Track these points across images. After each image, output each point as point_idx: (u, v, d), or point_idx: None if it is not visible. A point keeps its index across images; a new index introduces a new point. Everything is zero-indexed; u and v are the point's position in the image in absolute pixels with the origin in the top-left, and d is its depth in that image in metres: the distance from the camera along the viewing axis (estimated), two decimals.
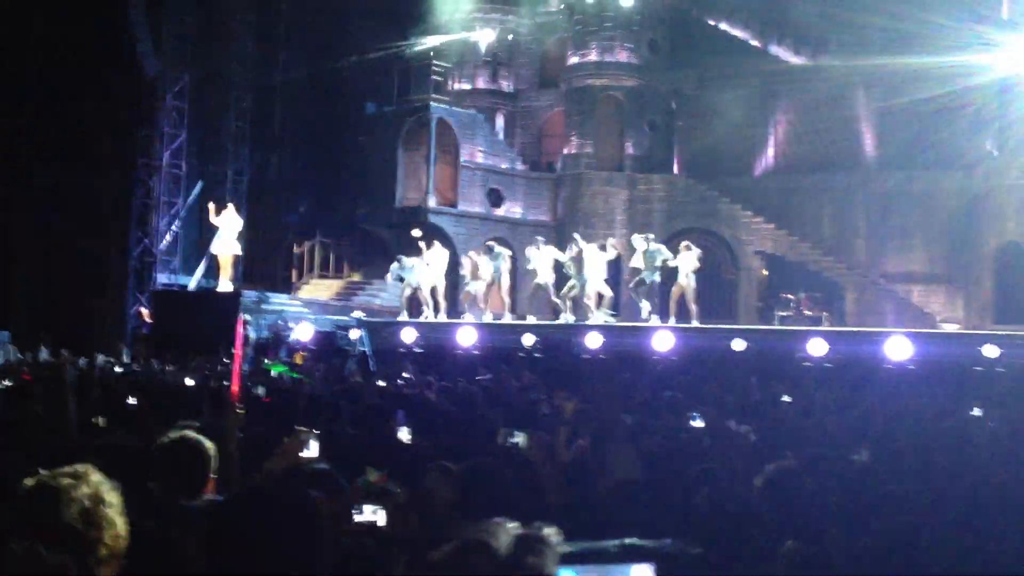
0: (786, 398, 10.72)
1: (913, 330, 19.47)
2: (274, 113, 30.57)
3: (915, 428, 7.61)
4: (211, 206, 22.76)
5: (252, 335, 20.93)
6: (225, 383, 8.09)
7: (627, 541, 1.38)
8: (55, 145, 26.51)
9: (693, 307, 21.21)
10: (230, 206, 23.61)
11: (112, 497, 2.45)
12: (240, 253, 23.52)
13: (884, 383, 14.42)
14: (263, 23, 29.83)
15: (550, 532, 1.48)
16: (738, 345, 18.93)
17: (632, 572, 1.34)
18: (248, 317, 21.15)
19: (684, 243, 22.73)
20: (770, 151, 31.08)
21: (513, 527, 1.57)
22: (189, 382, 11.62)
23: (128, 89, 26.34)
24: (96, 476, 2.46)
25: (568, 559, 1.37)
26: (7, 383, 10.25)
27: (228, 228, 22.66)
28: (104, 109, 26.46)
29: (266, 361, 17.70)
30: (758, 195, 29.86)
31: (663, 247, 22.05)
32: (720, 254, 29.61)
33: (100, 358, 17.34)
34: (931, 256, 27.85)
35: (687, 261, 21.88)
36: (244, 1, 28.86)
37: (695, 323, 20.94)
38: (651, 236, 22.58)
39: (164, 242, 26.30)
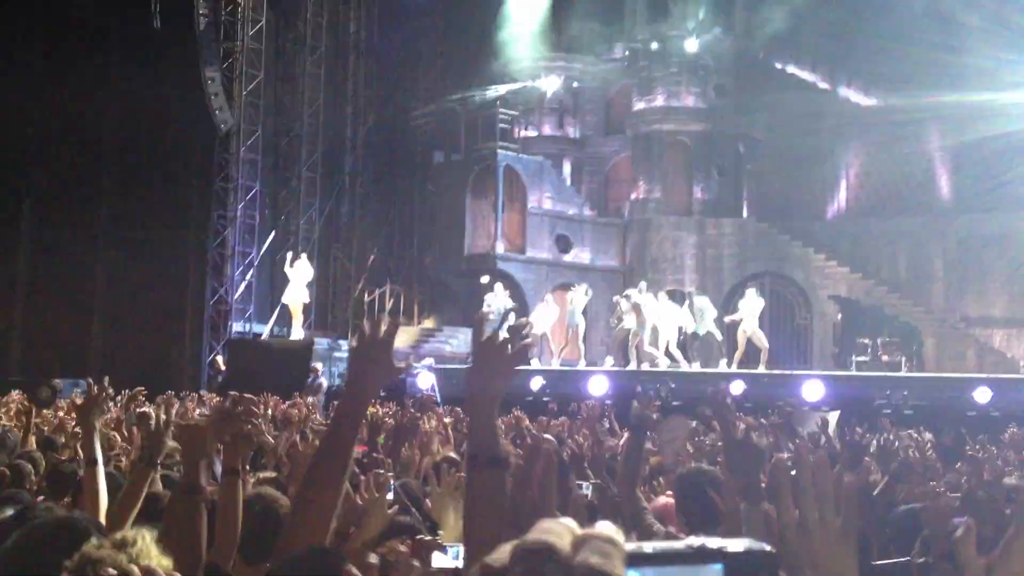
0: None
1: (995, 376, 18.99)
2: (344, 163, 30.99)
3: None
4: (289, 255, 23.36)
5: (324, 382, 21.08)
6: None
7: (695, 541, 1.31)
8: (132, 198, 27.15)
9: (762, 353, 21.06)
10: (303, 256, 24.10)
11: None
12: (308, 301, 23.86)
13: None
14: (332, 75, 30.35)
15: (615, 531, 1.41)
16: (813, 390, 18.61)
17: (702, 573, 1.30)
18: (320, 365, 21.33)
19: (750, 288, 22.79)
20: (842, 193, 30.71)
21: (576, 527, 1.50)
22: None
23: (203, 143, 26.91)
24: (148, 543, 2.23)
25: (634, 560, 1.30)
26: None
27: (299, 277, 23.10)
28: (180, 163, 27.08)
29: None
30: (831, 238, 29.46)
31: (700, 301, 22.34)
32: (793, 298, 29.22)
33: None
34: (1012, 299, 27.16)
35: (754, 306, 21.89)
36: (314, 54, 29.40)
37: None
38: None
39: (238, 291, 26.67)
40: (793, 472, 1.95)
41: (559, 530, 1.48)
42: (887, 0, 27.34)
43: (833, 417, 10.90)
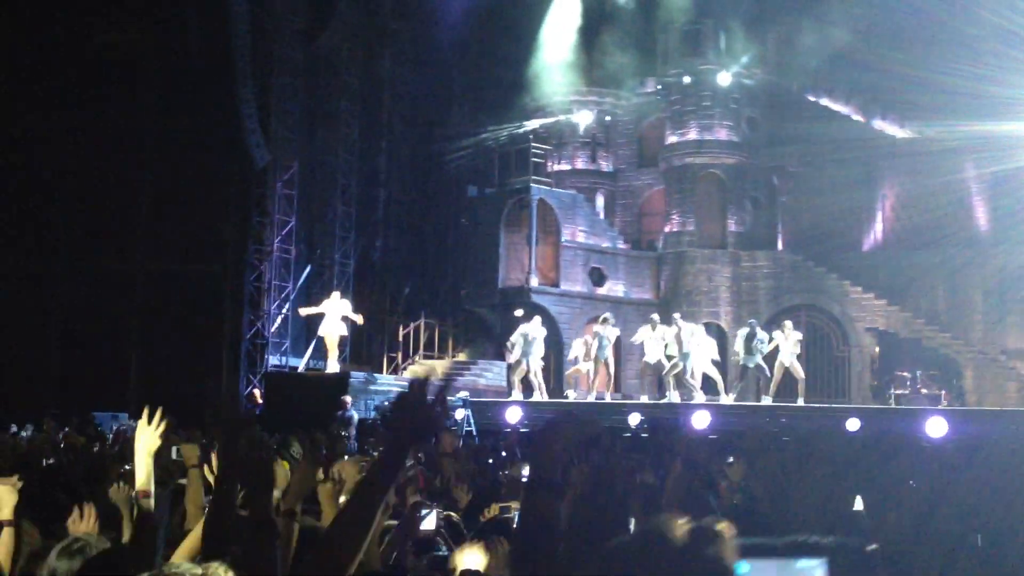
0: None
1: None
2: (378, 197, 31.22)
3: None
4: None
5: (355, 415, 21.03)
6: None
7: (797, 537, 1.35)
8: (169, 232, 27.47)
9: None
10: (335, 293, 24.24)
11: None
12: (344, 334, 23.97)
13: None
14: (366, 110, 30.65)
15: (724, 525, 1.46)
16: (852, 425, 18.46)
17: (807, 566, 1.32)
18: (349, 398, 21.29)
19: (787, 322, 22.70)
20: (878, 225, 30.51)
21: (685, 521, 1.56)
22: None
23: (239, 178, 27.22)
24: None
25: (745, 551, 1.33)
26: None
27: (334, 311, 23.26)
28: (217, 198, 27.38)
29: None
30: (867, 271, 29.23)
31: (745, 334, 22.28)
32: (829, 331, 29.00)
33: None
34: None
35: (791, 339, 21.87)
36: (348, 90, 29.72)
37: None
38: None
39: (275, 325, 26.85)
40: None
41: (670, 523, 1.55)
42: (920, 31, 27.31)
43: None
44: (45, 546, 4.12)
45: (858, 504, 7.04)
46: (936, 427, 17.88)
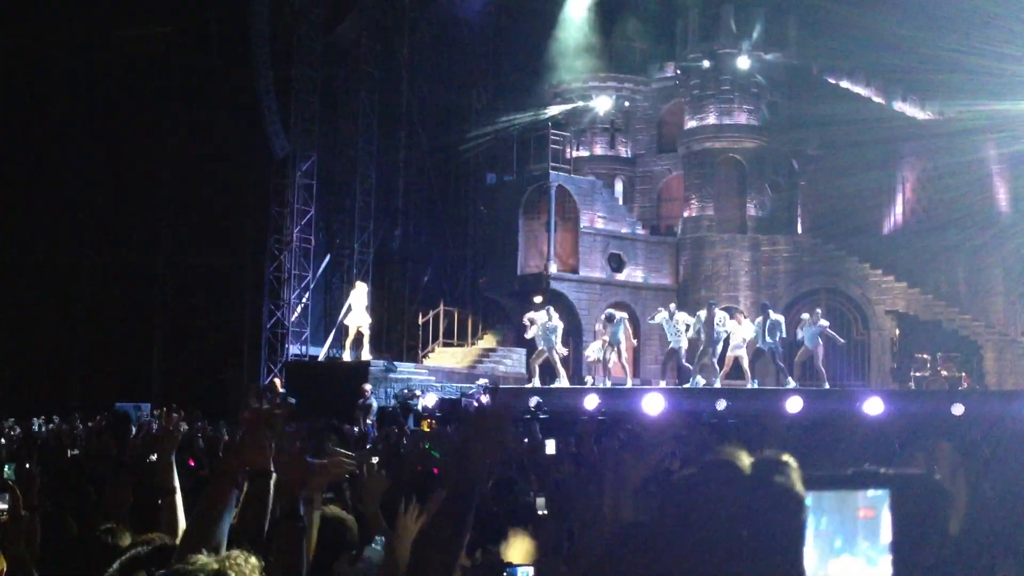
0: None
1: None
2: (398, 186, 31.35)
3: None
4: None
5: (375, 404, 21.14)
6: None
7: (863, 467, 1.39)
8: (191, 223, 27.75)
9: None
10: (359, 283, 24.47)
11: None
12: (370, 320, 24.23)
13: None
14: (385, 100, 30.76)
15: (788, 456, 1.52)
16: (874, 407, 18.39)
17: (870, 496, 1.36)
18: (369, 386, 21.41)
19: (739, 313, 22.90)
20: (898, 208, 30.34)
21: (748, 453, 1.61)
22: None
23: (259, 168, 27.44)
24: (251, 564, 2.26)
25: (810, 482, 1.39)
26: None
27: (358, 301, 23.52)
28: (238, 188, 27.63)
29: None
30: (887, 253, 29.07)
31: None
32: (850, 314, 28.91)
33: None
34: None
35: (742, 330, 21.93)
36: (367, 80, 29.84)
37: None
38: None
39: (295, 314, 27.07)
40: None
41: (738, 453, 1.58)
42: (939, 12, 27.08)
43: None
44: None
45: None
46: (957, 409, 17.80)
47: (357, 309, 23.96)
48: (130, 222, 28.14)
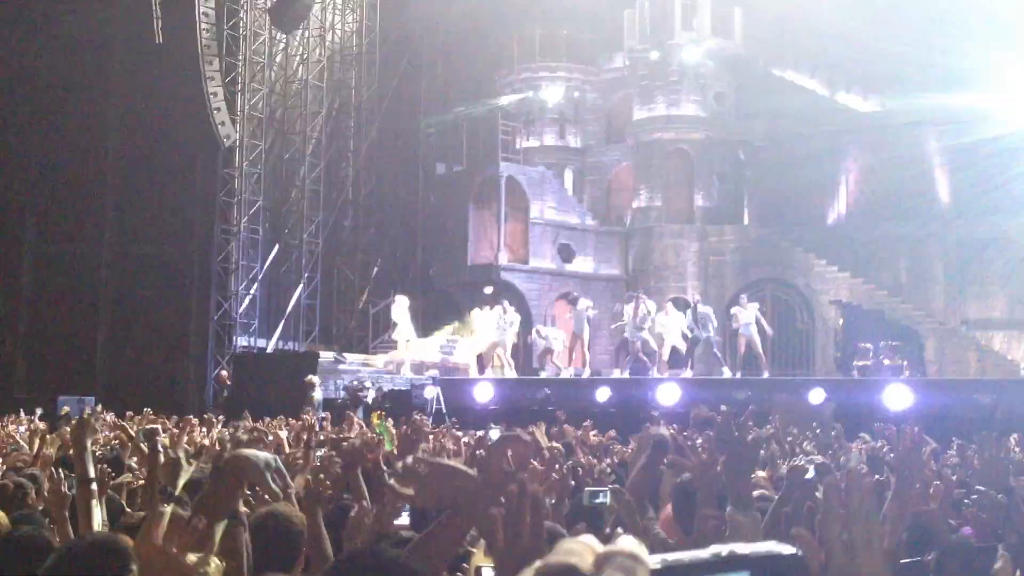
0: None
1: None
2: (346, 176, 31.16)
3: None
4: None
5: (319, 396, 20.91)
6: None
7: (721, 549, 1.25)
8: (135, 212, 27.35)
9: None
10: (398, 296, 25.40)
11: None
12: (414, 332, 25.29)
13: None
14: (334, 89, 30.57)
15: (638, 546, 1.40)
16: (817, 396, 18.66)
17: None
18: (315, 377, 21.19)
19: (668, 303, 23.45)
20: (842, 198, 30.81)
21: (597, 544, 1.49)
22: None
23: (206, 157, 27.11)
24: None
25: (661, 574, 1.28)
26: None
27: (401, 314, 24.70)
28: (183, 177, 27.25)
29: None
30: (832, 244, 29.52)
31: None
32: (794, 304, 29.30)
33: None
34: (1012, 301, 27.21)
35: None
36: (315, 69, 29.62)
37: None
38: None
39: (243, 305, 26.82)
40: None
41: (580, 549, 1.45)
42: (883, 4, 27.46)
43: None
44: None
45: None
46: (897, 397, 18.11)
47: (402, 322, 24.70)
48: (73, 210, 27.66)
